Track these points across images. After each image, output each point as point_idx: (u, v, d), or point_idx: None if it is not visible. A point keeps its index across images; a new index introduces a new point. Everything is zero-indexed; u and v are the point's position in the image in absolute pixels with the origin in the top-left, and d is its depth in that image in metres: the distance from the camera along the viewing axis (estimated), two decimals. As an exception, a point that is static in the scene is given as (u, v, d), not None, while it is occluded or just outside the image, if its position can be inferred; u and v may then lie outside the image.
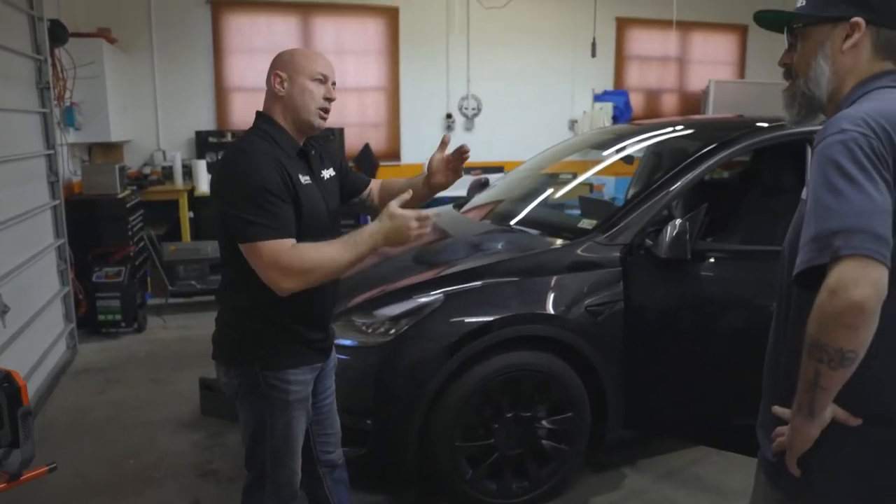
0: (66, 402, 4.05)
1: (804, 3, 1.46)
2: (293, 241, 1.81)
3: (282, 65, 1.95)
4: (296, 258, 1.78)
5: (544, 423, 2.86)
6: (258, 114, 2.00)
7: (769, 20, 1.52)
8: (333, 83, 1.99)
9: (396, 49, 7.61)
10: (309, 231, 1.93)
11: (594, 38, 7.03)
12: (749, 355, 1.80)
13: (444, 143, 2.16)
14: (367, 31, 7.54)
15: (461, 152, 2.05)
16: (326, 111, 1.98)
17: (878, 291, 1.17)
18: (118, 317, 5.16)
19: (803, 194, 1.35)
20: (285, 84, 1.94)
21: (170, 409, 3.92)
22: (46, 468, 1.71)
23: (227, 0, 6.93)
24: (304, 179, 1.94)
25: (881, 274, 1.17)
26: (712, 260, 2.92)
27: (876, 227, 1.18)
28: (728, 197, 3.86)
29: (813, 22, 1.44)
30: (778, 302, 1.52)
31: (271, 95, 1.97)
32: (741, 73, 9.10)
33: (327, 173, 2.09)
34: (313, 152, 2.05)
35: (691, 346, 2.90)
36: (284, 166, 1.87)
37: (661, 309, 2.93)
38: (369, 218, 2.17)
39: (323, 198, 2.01)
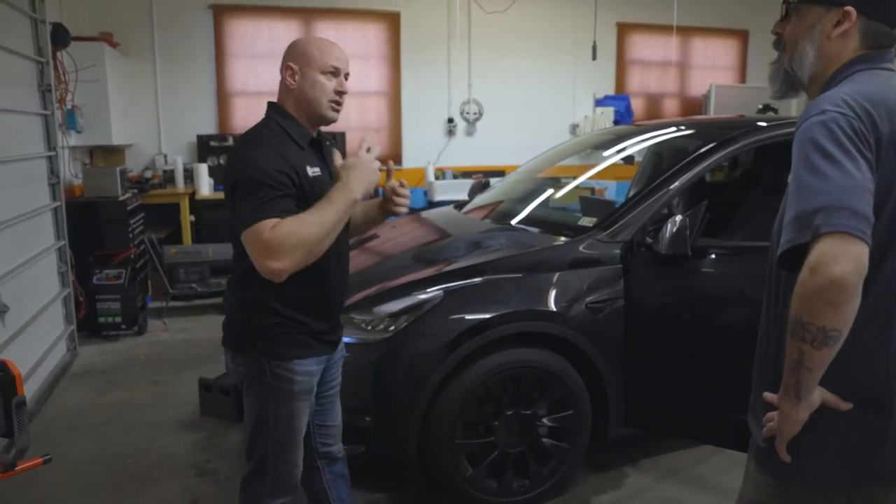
0: (66, 403, 4.04)
1: None
2: (275, 220, 1.76)
3: (294, 56, 1.94)
4: (277, 235, 1.73)
5: (545, 420, 2.84)
6: (270, 105, 2.00)
7: None
8: (347, 75, 1.98)
9: (398, 54, 7.63)
10: None
11: (595, 41, 7.04)
12: (750, 351, 1.78)
13: (389, 171, 2.18)
14: (369, 37, 7.56)
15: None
16: (339, 104, 1.98)
17: (859, 267, 1.17)
18: (118, 319, 5.16)
19: (789, 178, 1.35)
20: (296, 77, 1.93)
21: (170, 410, 3.91)
22: (41, 459, 1.70)
23: (228, 5, 6.95)
24: (314, 171, 1.93)
25: (862, 250, 1.17)
26: (713, 256, 2.91)
27: (856, 203, 1.19)
28: (728, 197, 3.85)
29: (809, 0, 1.43)
30: (767, 287, 1.51)
31: (284, 87, 1.97)
32: (742, 77, 9.11)
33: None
34: (328, 143, 2.05)
35: (692, 342, 2.89)
36: (290, 159, 1.86)
37: (661, 306, 2.92)
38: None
39: None
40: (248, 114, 7.03)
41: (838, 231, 1.17)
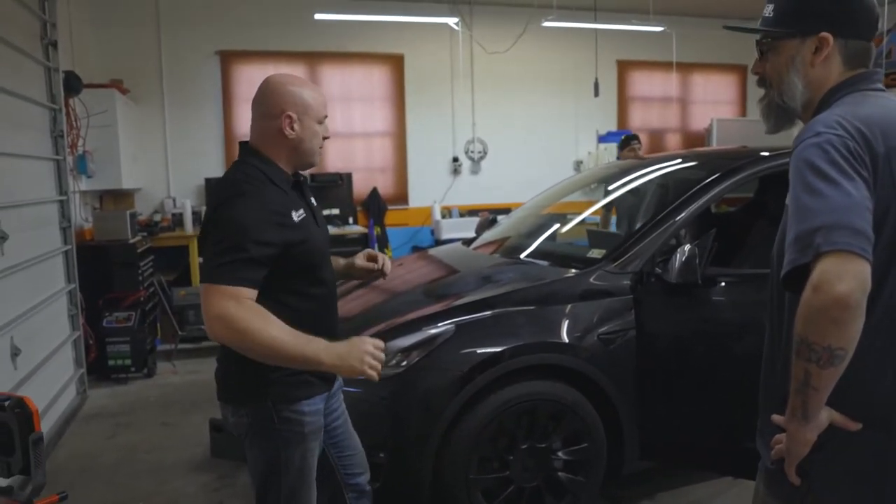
0: (76, 446, 4.01)
1: (771, 14, 1.48)
2: (252, 293, 1.72)
3: (293, 105, 1.89)
4: (233, 313, 1.66)
5: (560, 454, 2.82)
6: (245, 147, 1.95)
7: (738, 32, 1.58)
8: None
9: (402, 95, 7.76)
10: (309, 260, 1.92)
11: (596, 78, 7.15)
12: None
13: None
14: (373, 79, 7.71)
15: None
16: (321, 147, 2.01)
17: (862, 285, 1.17)
18: (128, 362, 5.16)
19: (787, 200, 1.36)
20: (295, 126, 1.89)
21: (180, 451, 3.88)
22: (57, 497, 1.69)
23: (235, 51, 7.11)
24: (298, 215, 1.89)
25: (863, 268, 1.17)
26: (723, 284, 2.91)
27: (855, 222, 1.19)
28: (735, 228, 3.86)
29: (781, 36, 1.46)
30: (770, 309, 1.51)
31: (276, 133, 1.90)
32: (742, 111, 9.21)
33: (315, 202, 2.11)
34: (304, 178, 2.06)
35: (705, 371, 2.87)
36: (280, 212, 1.82)
37: (673, 335, 2.91)
38: None
39: (318, 224, 2.01)
40: (255, 156, 7.12)
41: (839, 249, 1.17)
